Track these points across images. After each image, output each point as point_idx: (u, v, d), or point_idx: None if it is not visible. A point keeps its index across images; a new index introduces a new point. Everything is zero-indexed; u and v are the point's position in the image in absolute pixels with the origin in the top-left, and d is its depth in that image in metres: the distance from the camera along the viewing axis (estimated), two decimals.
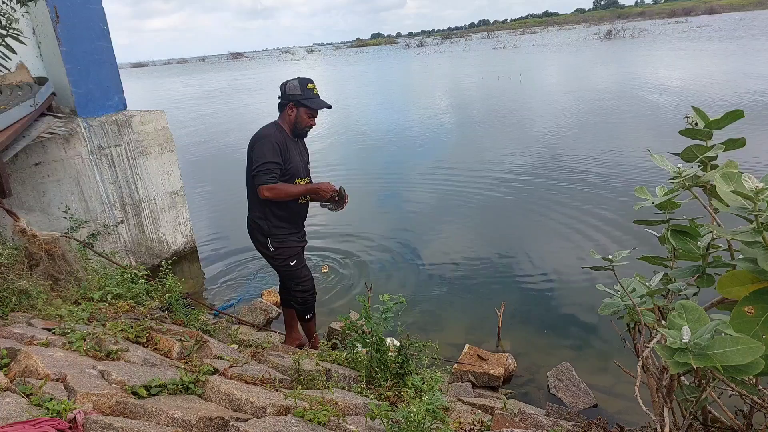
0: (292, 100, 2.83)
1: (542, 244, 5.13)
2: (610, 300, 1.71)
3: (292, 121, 2.87)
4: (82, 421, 1.30)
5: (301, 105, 2.83)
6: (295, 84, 2.83)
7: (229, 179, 8.84)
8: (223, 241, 5.81)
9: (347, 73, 34.97)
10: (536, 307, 4.03)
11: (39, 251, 2.80)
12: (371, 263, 5.04)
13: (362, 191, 7.52)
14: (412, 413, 1.51)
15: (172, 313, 2.96)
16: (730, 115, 1.35)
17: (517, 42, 51.60)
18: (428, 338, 2.74)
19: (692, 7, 74.39)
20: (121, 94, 4.87)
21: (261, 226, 2.94)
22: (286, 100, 2.85)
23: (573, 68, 23.41)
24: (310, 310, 3.19)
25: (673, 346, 1.02)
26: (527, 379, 3.23)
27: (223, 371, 1.92)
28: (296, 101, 2.82)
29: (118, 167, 4.70)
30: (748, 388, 1.20)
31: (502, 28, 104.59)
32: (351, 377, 2.32)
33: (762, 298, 1.03)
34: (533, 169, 7.75)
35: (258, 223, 2.95)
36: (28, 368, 1.59)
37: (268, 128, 2.85)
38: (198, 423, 1.42)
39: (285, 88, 2.85)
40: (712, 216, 1.39)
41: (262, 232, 2.95)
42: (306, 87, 2.83)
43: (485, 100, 15.73)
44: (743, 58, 18.98)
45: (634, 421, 2.53)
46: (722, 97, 11.31)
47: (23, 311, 2.38)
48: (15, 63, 4.26)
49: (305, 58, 70.55)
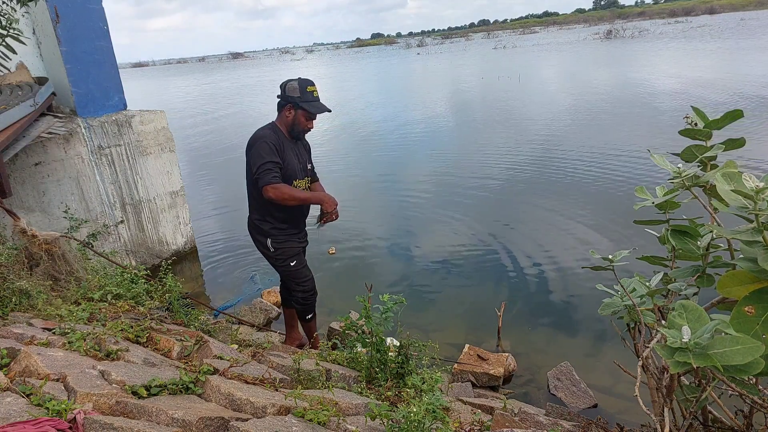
0: (290, 102, 2.78)
1: (542, 244, 5.13)
2: (610, 300, 1.71)
3: (289, 122, 2.84)
4: (82, 421, 1.30)
5: (300, 108, 2.78)
6: (294, 85, 2.77)
7: (229, 179, 8.84)
8: (223, 242, 5.81)
9: (347, 73, 34.97)
10: (536, 307, 4.03)
11: (39, 251, 2.80)
12: (371, 263, 5.04)
13: (361, 189, 7.53)
14: (412, 413, 1.51)
15: (172, 313, 2.96)
16: (729, 115, 1.35)
17: (517, 42, 51.60)
18: (428, 338, 2.74)
19: (692, 7, 74.36)
20: (121, 94, 4.87)
21: (260, 227, 2.93)
22: (284, 101, 2.80)
23: (573, 68, 23.41)
24: (310, 311, 3.18)
25: (673, 346, 1.02)
26: (527, 379, 3.23)
27: (223, 371, 1.92)
28: (295, 103, 2.77)
29: (118, 167, 4.70)
30: (748, 388, 1.20)
31: (502, 28, 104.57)
32: (351, 377, 2.32)
33: (762, 298, 1.03)
34: (533, 169, 7.75)
35: (257, 224, 2.95)
36: (28, 368, 1.59)
37: (264, 129, 2.82)
38: (198, 423, 1.42)
39: (285, 88, 2.80)
40: (712, 216, 1.39)
41: (261, 232, 2.95)
42: (306, 89, 2.77)
43: (485, 101, 15.73)
44: (743, 57, 18.97)
45: (634, 421, 2.53)
46: (722, 97, 11.31)
47: (23, 311, 2.38)
48: (15, 63, 4.26)
49: (305, 58, 70.56)
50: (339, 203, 2.89)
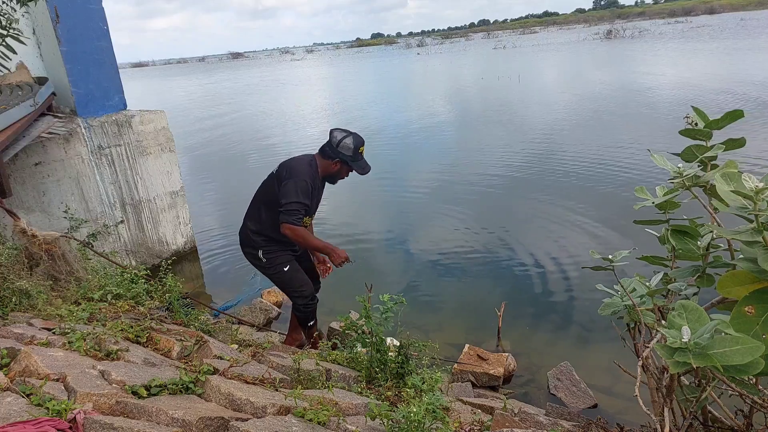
0: (341, 159, 2.82)
1: (542, 243, 5.13)
2: (610, 300, 1.71)
3: (331, 172, 2.90)
4: (82, 421, 1.30)
5: (348, 166, 2.86)
6: (349, 144, 2.80)
7: (229, 179, 8.85)
8: (223, 241, 5.81)
9: (347, 73, 34.95)
10: (536, 307, 4.03)
11: (39, 251, 2.80)
12: (371, 263, 5.04)
13: (361, 188, 7.52)
14: (412, 413, 1.51)
15: (172, 313, 2.96)
16: (729, 115, 1.35)
17: (517, 42, 51.61)
18: (428, 338, 2.74)
19: (692, 6, 74.36)
20: (121, 94, 4.87)
21: (253, 238, 2.98)
22: (334, 155, 2.82)
23: (573, 68, 23.41)
24: (312, 318, 3.15)
25: (673, 346, 1.02)
26: (527, 379, 3.23)
27: (223, 371, 1.92)
28: (345, 161, 2.83)
29: (118, 167, 4.70)
30: (748, 388, 1.20)
31: (502, 28, 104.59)
32: (351, 377, 2.32)
33: (762, 298, 1.03)
34: (533, 169, 7.75)
35: (251, 236, 2.98)
36: (28, 368, 1.59)
37: (307, 166, 2.82)
38: (198, 423, 1.42)
39: (338, 143, 2.80)
40: (712, 216, 1.39)
41: (253, 244, 2.99)
42: (358, 150, 2.83)
43: (485, 101, 15.72)
44: (743, 57, 18.97)
45: (634, 421, 2.52)
46: (722, 97, 11.31)
47: (23, 311, 2.38)
48: (15, 63, 4.26)
49: (305, 58, 70.57)
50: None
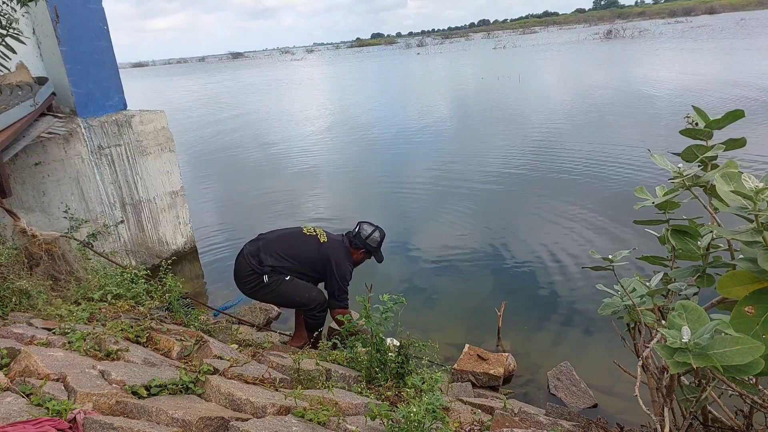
0: (368, 249, 3.35)
1: (542, 243, 5.13)
2: (610, 300, 1.71)
3: (358, 260, 3.42)
4: (82, 421, 1.30)
5: (371, 255, 3.40)
6: (377, 238, 3.34)
7: (229, 179, 8.85)
8: (223, 241, 5.81)
9: (347, 73, 34.96)
10: (536, 307, 4.03)
11: (39, 251, 2.80)
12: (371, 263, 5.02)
13: (361, 188, 7.52)
14: (412, 413, 1.51)
15: (172, 313, 2.96)
16: (730, 114, 1.35)
17: (517, 42, 51.58)
18: (428, 338, 2.73)
19: (692, 6, 74.32)
20: (121, 94, 4.87)
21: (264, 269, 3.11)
22: (362, 246, 3.32)
23: (573, 68, 23.41)
24: (322, 324, 3.32)
25: (673, 346, 1.02)
26: (527, 379, 3.23)
27: (223, 371, 1.92)
28: (369, 252, 3.38)
29: (118, 167, 4.70)
30: (748, 388, 1.20)
31: (502, 28, 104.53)
32: (351, 377, 2.32)
33: (762, 298, 1.03)
34: (533, 169, 7.75)
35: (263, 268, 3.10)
36: (28, 368, 1.59)
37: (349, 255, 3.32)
38: (198, 423, 1.42)
39: (367, 236, 3.31)
40: (712, 216, 1.39)
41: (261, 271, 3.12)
42: (382, 243, 3.40)
43: (486, 100, 15.72)
44: (743, 57, 18.97)
45: (634, 421, 2.52)
46: (722, 96, 11.30)
47: (23, 311, 2.38)
48: (15, 63, 4.26)
49: (305, 58, 70.57)
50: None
